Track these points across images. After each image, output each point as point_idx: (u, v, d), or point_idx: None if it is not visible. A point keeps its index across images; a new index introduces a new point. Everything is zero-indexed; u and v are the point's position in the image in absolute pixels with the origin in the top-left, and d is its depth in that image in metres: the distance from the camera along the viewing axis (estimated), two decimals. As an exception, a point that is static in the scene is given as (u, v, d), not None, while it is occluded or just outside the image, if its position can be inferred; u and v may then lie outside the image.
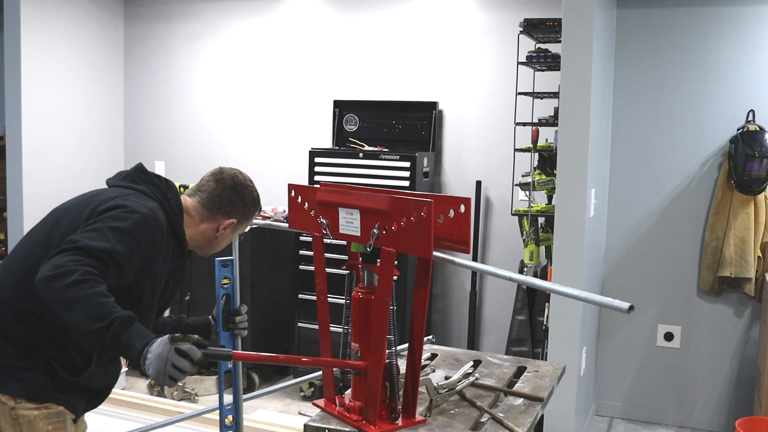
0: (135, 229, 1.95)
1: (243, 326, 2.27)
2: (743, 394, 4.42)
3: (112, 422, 3.94)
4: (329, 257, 2.29)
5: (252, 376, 4.82)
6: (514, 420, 2.10)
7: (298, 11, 5.30)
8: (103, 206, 2.00)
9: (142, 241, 1.97)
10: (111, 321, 1.74)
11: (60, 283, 1.76)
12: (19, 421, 1.98)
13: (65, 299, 1.75)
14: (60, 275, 1.76)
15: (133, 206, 2.00)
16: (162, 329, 2.37)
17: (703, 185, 4.41)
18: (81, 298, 1.75)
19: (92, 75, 5.57)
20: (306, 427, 2.05)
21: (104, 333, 1.74)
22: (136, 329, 1.76)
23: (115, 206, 2.00)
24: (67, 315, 1.76)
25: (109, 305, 1.77)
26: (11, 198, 5.08)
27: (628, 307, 1.58)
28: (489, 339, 4.97)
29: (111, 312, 1.75)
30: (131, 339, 1.74)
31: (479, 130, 4.92)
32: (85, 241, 1.85)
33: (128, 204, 2.01)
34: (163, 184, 2.17)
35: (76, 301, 1.75)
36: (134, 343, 1.74)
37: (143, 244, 1.98)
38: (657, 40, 4.42)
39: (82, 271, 1.78)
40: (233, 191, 2.22)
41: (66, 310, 1.76)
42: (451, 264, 1.99)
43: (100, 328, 1.73)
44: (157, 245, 2.03)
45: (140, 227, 1.97)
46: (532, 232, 4.24)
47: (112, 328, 1.74)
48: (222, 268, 2.25)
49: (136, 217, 1.97)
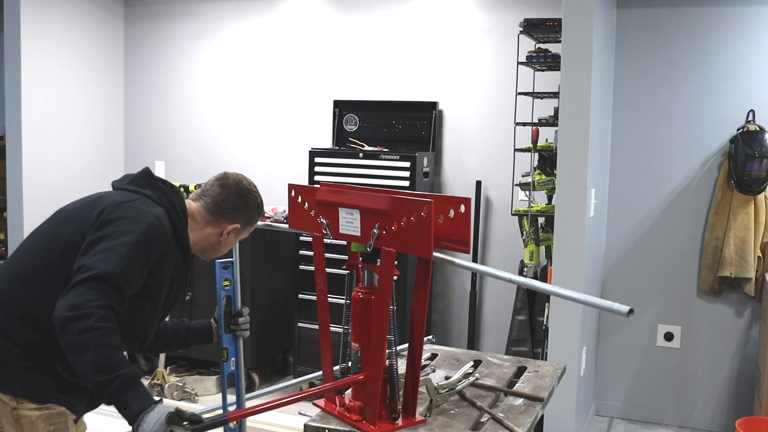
0: (143, 240, 1.97)
1: (245, 327, 2.27)
2: (743, 394, 4.42)
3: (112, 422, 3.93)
4: (329, 257, 2.29)
5: (252, 376, 4.82)
6: (514, 420, 2.10)
7: (298, 11, 5.30)
8: (110, 214, 2.01)
9: (151, 251, 1.99)
10: (115, 377, 1.77)
11: (75, 326, 1.79)
12: (20, 421, 1.98)
13: (77, 344, 1.79)
14: (77, 318, 1.80)
15: (139, 215, 2.01)
16: (164, 332, 2.37)
17: (703, 185, 4.41)
18: (91, 347, 1.78)
19: (92, 75, 5.57)
20: (306, 427, 2.05)
21: (106, 387, 1.77)
22: (136, 391, 1.79)
23: (121, 216, 2.00)
24: (75, 359, 1.80)
25: (117, 359, 1.80)
26: (11, 198, 5.07)
27: (628, 311, 1.58)
28: (489, 339, 4.97)
29: (117, 367, 1.78)
30: (129, 400, 1.77)
31: (479, 130, 4.91)
32: (99, 268, 1.87)
33: (134, 213, 2.02)
34: (168, 189, 2.17)
35: (86, 347, 1.78)
36: (132, 405, 1.77)
37: (152, 254, 2.00)
38: (657, 40, 4.42)
39: (98, 316, 1.81)
40: (237, 196, 2.22)
41: (75, 354, 1.80)
42: (451, 265, 1.99)
43: (104, 381, 1.76)
44: (164, 253, 2.04)
45: (148, 237, 1.99)
46: (532, 232, 4.24)
47: (113, 385, 1.77)
48: (223, 270, 2.26)
49: (143, 227, 1.99)
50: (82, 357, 1.78)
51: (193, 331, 2.41)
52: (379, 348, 1.95)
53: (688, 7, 4.36)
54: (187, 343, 2.42)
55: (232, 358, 2.25)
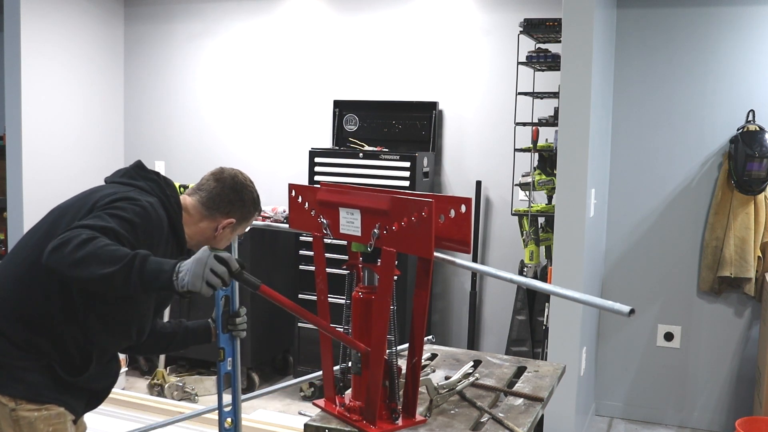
0: (135, 218, 1.96)
1: (242, 328, 2.27)
2: (743, 394, 4.42)
3: (112, 422, 3.94)
4: (329, 257, 2.29)
5: (252, 376, 4.82)
6: (514, 420, 2.10)
7: (298, 11, 5.30)
8: (104, 201, 2.01)
9: (140, 230, 1.97)
10: (131, 258, 1.74)
11: (66, 248, 1.76)
12: (19, 422, 1.98)
13: (77, 259, 1.75)
14: (64, 242, 1.77)
15: (132, 200, 2.01)
16: (163, 333, 2.37)
17: (703, 185, 4.41)
18: (92, 253, 1.75)
19: (92, 75, 5.57)
20: (306, 427, 2.05)
21: (128, 271, 1.73)
22: (158, 259, 1.77)
23: (115, 199, 2.00)
24: (84, 273, 1.75)
25: (123, 249, 1.77)
26: (11, 198, 5.07)
27: (629, 311, 1.58)
28: (489, 339, 4.97)
29: (127, 252, 1.76)
30: (159, 264, 1.75)
31: (479, 130, 4.92)
32: (85, 222, 1.86)
33: (127, 199, 2.01)
34: (162, 181, 2.17)
35: (87, 256, 1.75)
36: (163, 266, 1.74)
37: (140, 232, 1.97)
38: (657, 40, 4.42)
39: (86, 233, 1.79)
40: (233, 191, 2.21)
41: (81, 268, 1.75)
42: (452, 265, 1.99)
43: (121, 268, 1.73)
44: (155, 237, 2.03)
45: (140, 217, 1.97)
46: (532, 232, 4.24)
47: (135, 264, 1.74)
48: None
49: (136, 208, 1.98)
50: (90, 267, 1.74)
51: (192, 332, 2.41)
52: (379, 348, 1.95)
53: (688, 7, 4.36)
54: (186, 344, 2.42)
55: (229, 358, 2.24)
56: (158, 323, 2.37)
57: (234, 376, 2.24)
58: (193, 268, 1.71)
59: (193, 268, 1.71)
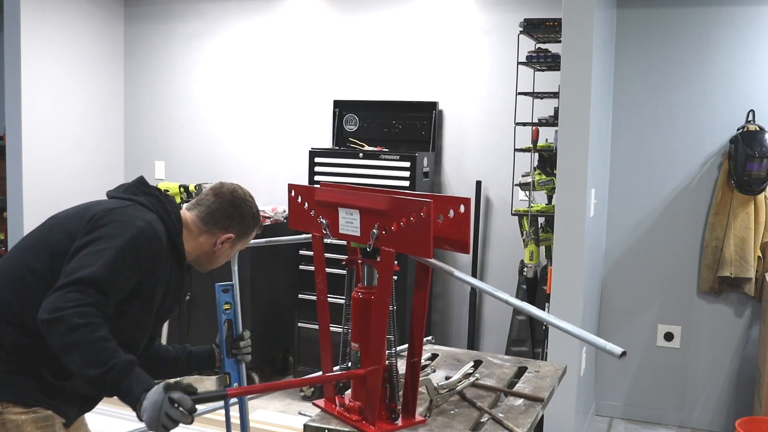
0: (131, 245, 1.95)
1: (246, 351, 2.25)
2: (743, 394, 4.42)
3: (112, 422, 3.94)
4: (329, 257, 2.29)
5: (252, 376, 4.82)
6: (514, 420, 2.10)
7: (298, 11, 5.30)
8: (100, 220, 2.00)
9: (140, 256, 1.97)
10: (110, 367, 1.77)
11: (61, 328, 1.79)
12: (6, 425, 1.96)
13: (65, 344, 1.79)
14: (60, 319, 1.79)
15: (129, 220, 2.00)
16: (167, 358, 2.36)
17: (703, 185, 4.41)
18: (80, 344, 1.79)
19: (92, 75, 5.57)
20: (306, 427, 2.05)
21: (104, 380, 1.78)
22: (135, 375, 1.80)
23: (111, 221, 1.99)
24: (67, 359, 1.81)
25: (109, 351, 1.80)
26: (11, 198, 5.08)
27: (621, 353, 1.59)
28: (489, 339, 4.97)
29: (110, 358, 1.79)
30: (130, 386, 1.78)
31: (479, 130, 4.91)
32: (81, 272, 1.86)
33: (124, 218, 2.00)
34: (162, 196, 2.17)
35: (75, 346, 1.79)
36: (133, 390, 1.78)
37: (142, 259, 1.98)
38: (657, 40, 4.42)
39: (82, 314, 1.80)
40: (231, 206, 2.21)
41: (66, 354, 1.80)
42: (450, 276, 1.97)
43: (99, 375, 1.78)
44: (156, 259, 2.03)
45: (137, 242, 1.97)
46: (532, 232, 4.24)
47: (110, 376, 1.77)
48: (223, 293, 2.24)
49: (132, 232, 1.97)
50: (73, 356, 1.79)
51: (195, 356, 2.39)
52: (378, 348, 1.95)
53: (688, 7, 4.36)
54: (190, 369, 2.40)
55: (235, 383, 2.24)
56: (161, 348, 2.35)
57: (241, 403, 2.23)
58: (150, 411, 1.74)
59: (149, 411, 1.74)
